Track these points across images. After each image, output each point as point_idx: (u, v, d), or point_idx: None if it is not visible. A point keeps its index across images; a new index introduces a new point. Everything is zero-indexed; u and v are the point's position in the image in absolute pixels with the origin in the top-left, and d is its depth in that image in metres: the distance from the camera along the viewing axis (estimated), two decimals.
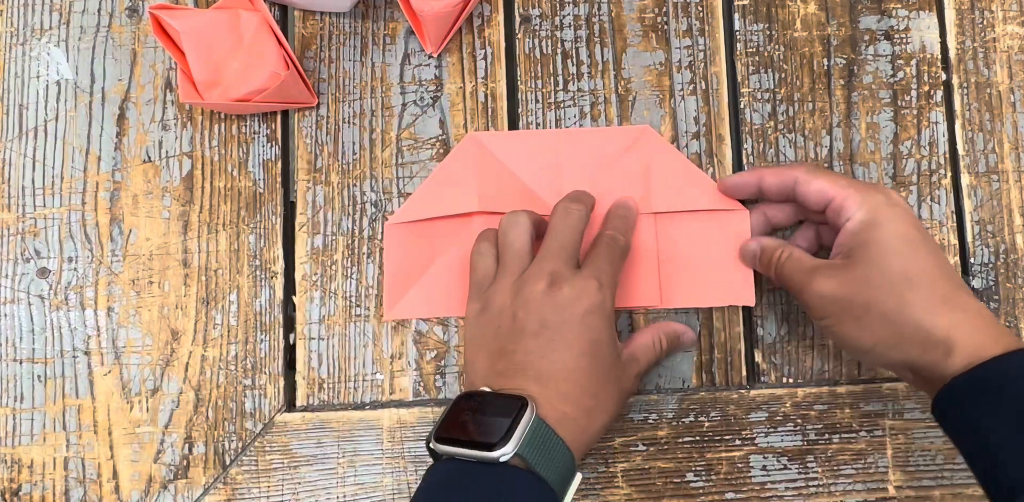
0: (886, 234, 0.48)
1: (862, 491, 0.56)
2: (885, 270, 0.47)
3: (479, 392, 0.47)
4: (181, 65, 0.55)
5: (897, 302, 0.46)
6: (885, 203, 0.49)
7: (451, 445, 0.45)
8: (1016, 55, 0.61)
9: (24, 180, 0.58)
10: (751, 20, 0.61)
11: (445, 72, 0.60)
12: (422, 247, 0.57)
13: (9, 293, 0.57)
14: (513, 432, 0.44)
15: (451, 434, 0.45)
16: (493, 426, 0.44)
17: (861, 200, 0.49)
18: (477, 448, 0.44)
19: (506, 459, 0.44)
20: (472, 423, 0.45)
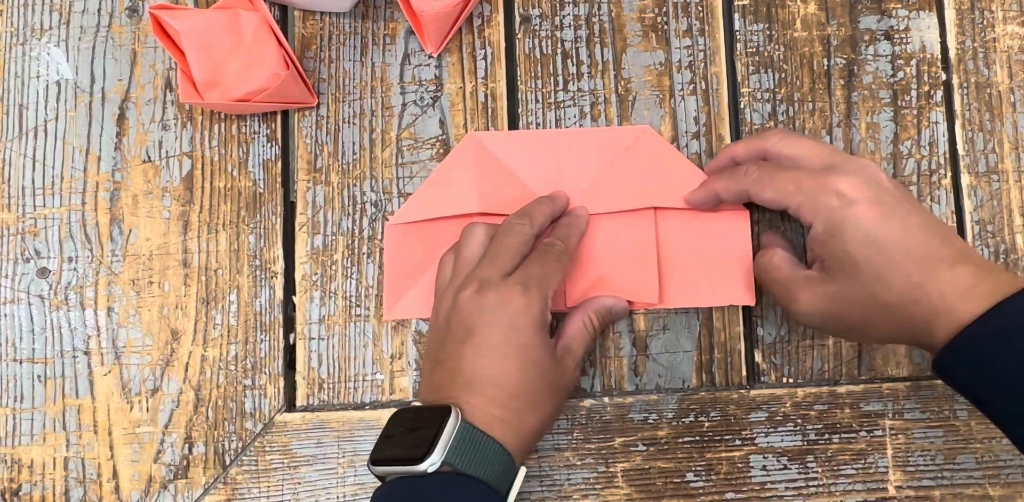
0: (848, 241, 0.47)
1: (862, 491, 0.56)
2: (857, 278, 0.47)
3: (409, 408, 0.49)
4: (181, 65, 0.55)
5: (876, 307, 0.47)
6: (838, 207, 0.47)
7: (384, 465, 0.46)
8: (1016, 55, 0.61)
9: (24, 180, 0.58)
10: (751, 20, 0.61)
11: (445, 72, 0.60)
12: (422, 247, 0.57)
13: (9, 293, 0.57)
14: (437, 443, 0.45)
15: (383, 454, 0.47)
16: (419, 439, 0.46)
17: (813, 208, 0.48)
18: (406, 463, 0.45)
19: (435, 469, 0.45)
20: (401, 440, 0.47)
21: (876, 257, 0.46)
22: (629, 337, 0.57)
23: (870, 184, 0.47)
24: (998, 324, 0.44)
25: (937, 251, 0.46)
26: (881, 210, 0.47)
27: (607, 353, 0.57)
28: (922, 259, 0.46)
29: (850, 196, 0.47)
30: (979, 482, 0.56)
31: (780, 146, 0.51)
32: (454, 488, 0.45)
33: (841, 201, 0.47)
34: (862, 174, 0.48)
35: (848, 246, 0.47)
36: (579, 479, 0.56)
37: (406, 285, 0.57)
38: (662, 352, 0.57)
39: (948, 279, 0.46)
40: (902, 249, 0.46)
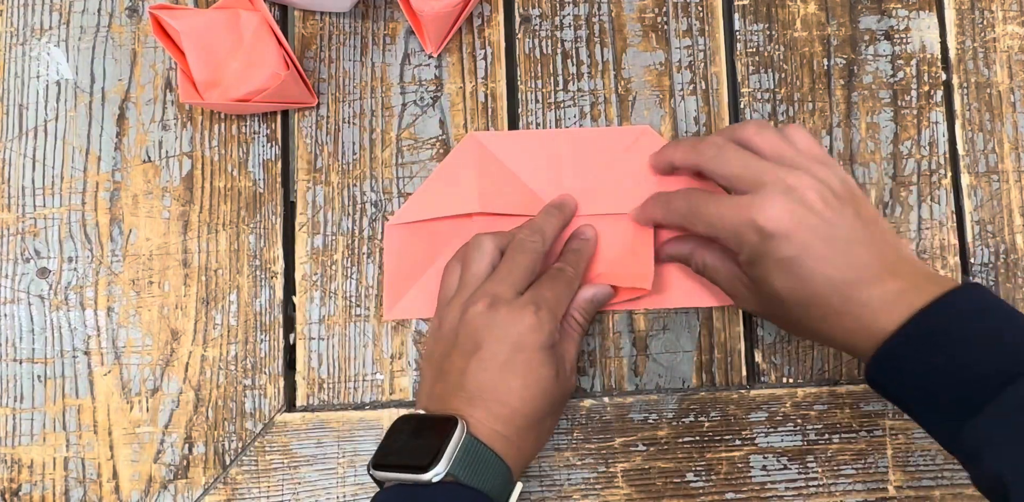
0: (770, 275, 0.47)
1: (862, 491, 0.56)
2: (783, 306, 0.48)
3: (414, 415, 0.49)
4: (181, 65, 0.55)
5: (802, 327, 0.49)
6: (758, 242, 0.47)
7: (388, 470, 0.46)
8: (1016, 55, 0.61)
9: (24, 180, 0.58)
10: (751, 20, 0.61)
11: (445, 72, 0.60)
12: (422, 247, 0.57)
13: (9, 293, 0.57)
14: (443, 453, 0.45)
15: (387, 460, 0.47)
16: (425, 448, 0.46)
17: (737, 244, 0.48)
18: (410, 471, 0.45)
19: (439, 479, 0.45)
20: (406, 447, 0.47)
21: (797, 288, 0.47)
22: (629, 337, 0.57)
23: (794, 212, 0.46)
24: (914, 335, 0.44)
25: (861, 272, 0.46)
26: (799, 241, 0.46)
27: (607, 353, 0.57)
28: (841, 286, 0.46)
29: (768, 231, 0.46)
30: None
31: (710, 164, 0.50)
32: (456, 498, 0.45)
33: (760, 236, 0.47)
34: (785, 199, 0.47)
35: (771, 277, 0.47)
36: (579, 479, 0.56)
37: (406, 285, 0.57)
38: (662, 352, 0.57)
39: (870, 297, 0.46)
40: (823, 280, 0.46)
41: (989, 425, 0.41)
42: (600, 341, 0.57)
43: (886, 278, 0.46)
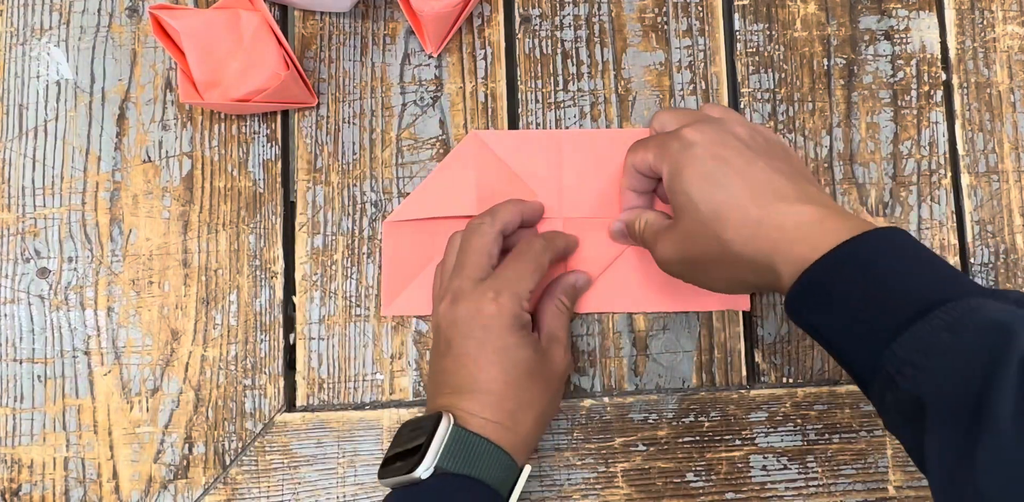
0: (687, 180, 0.48)
1: (862, 491, 0.56)
2: (697, 217, 0.47)
3: (411, 420, 0.51)
4: (181, 65, 0.55)
5: (718, 244, 0.47)
6: (679, 149, 0.48)
7: (386, 477, 0.48)
8: (1016, 55, 0.61)
9: (24, 180, 0.58)
10: (751, 20, 0.61)
11: (445, 72, 0.60)
12: (420, 245, 0.57)
13: (9, 293, 0.57)
14: (428, 449, 0.46)
15: (386, 467, 0.49)
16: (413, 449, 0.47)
17: (661, 156, 0.49)
18: (403, 473, 0.47)
19: (428, 474, 0.46)
20: (401, 451, 0.48)
21: (714, 194, 0.47)
22: (629, 337, 0.57)
23: (718, 131, 0.49)
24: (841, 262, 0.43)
25: (779, 189, 0.46)
26: (720, 151, 0.48)
27: (607, 353, 0.57)
28: (760, 195, 0.46)
29: (690, 139, 0.48)
30: None
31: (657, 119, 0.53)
32: (449, 488, 0.46)
33: (681, 144, 0.48)
34: (714, 125, 0.49)
35: (687, 186, 0.47)
36: (579, 479, 0.56)
37: (404, 282, 0.57)
38: (662, 352, 0.57)
39: (787, 214, 0.45)
40: (739, 185, 0.46)
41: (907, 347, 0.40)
42: (600, 341, 0.57)
43: (805, 204, 0.45)
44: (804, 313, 0.44)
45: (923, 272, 0.43)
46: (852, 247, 0.43)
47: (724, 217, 0.46)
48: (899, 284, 0.42)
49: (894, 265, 0.43)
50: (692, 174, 0.47)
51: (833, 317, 0.43)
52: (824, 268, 0.43)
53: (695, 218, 0.47)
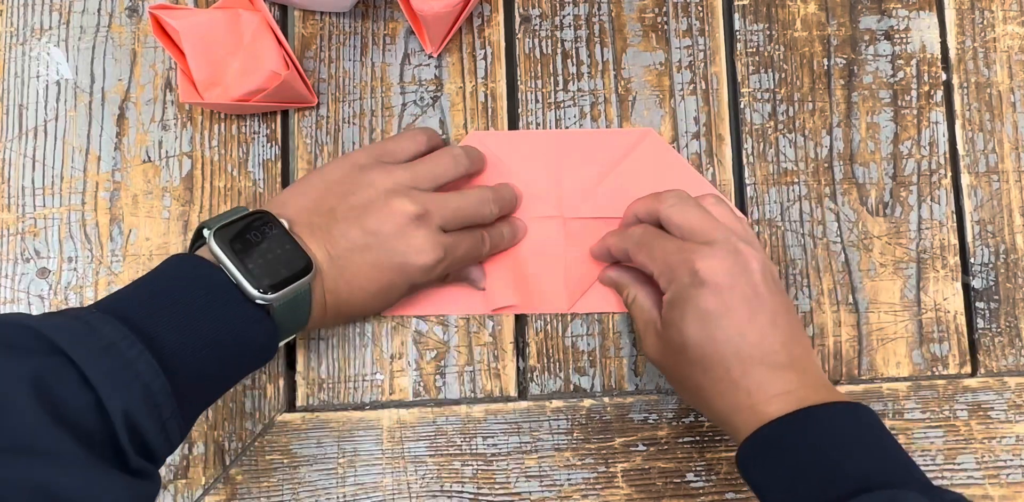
0: (686, 318, 0.48)
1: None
2: (684, 354, 0.48)
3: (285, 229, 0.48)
4: (181, 65, 0.55)
5: (694, 385, 0.49)
6: (689, 284, 0.48)
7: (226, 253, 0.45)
8: (1016, 55, 0.61)
9: (24, 180, 0.58)
10: (751, 20, 0.61)
11: (445, 72, 0.60)
12: None
13: (9, 293, 0.57)
14: (283, 288, 0.45)
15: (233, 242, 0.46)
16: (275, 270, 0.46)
17: (669, 280, 0.49)
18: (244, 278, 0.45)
19: (262, 303, 0.45)
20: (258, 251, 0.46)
21: (705, 342, 0.47)
22: (629, 337, 0.57)
23: (732, 271, 0.48)
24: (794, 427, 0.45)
25: (767, 355, 0.47)
26: (727, 299, 0.47)
27: (607, 353, 0.57)
28: (747, 358, 0.47)
29: (702, 277, 0.47)
30: (979, 482, 0.56)
31: (671, 212, 0.51)
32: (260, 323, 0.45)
33: (692, 280, 0.48)
34: (731, 259, 0.48)
35: (683, 324, 0.48)
36: (579, 479, 0.56)
37: None
38: None
39: (763, 381, 0.47)
40: (732, 342, 0.47)
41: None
42: (600, 341, 0.57)
43: (788, 369, 0.47)
44: (751, 470, 0.46)
45: (873, 452, 0.45)
46: (809, 415, 0.45)
47: (708, 366, 0.48)
48: (846, 458, 0.44)
49: (845, 439, 0.45)
50: (693, 314, 0.48)
51: (777, 479, 0.45)
52: (776, 432, 0.45)
53: (682, 352, 0.48)
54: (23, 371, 0.38)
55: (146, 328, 0.42)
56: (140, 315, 0.42)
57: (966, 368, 0.58)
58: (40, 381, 0.38)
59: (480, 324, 0.57)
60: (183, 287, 0.44)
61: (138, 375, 0.40)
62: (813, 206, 0.59)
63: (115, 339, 0.40)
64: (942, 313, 0.58)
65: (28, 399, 0.37)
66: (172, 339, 0.42)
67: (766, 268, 0.49)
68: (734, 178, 0.59)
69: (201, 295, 0.44)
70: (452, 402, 0.57)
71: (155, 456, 0.41)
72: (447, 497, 0.55)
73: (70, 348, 0.39)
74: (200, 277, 0.45)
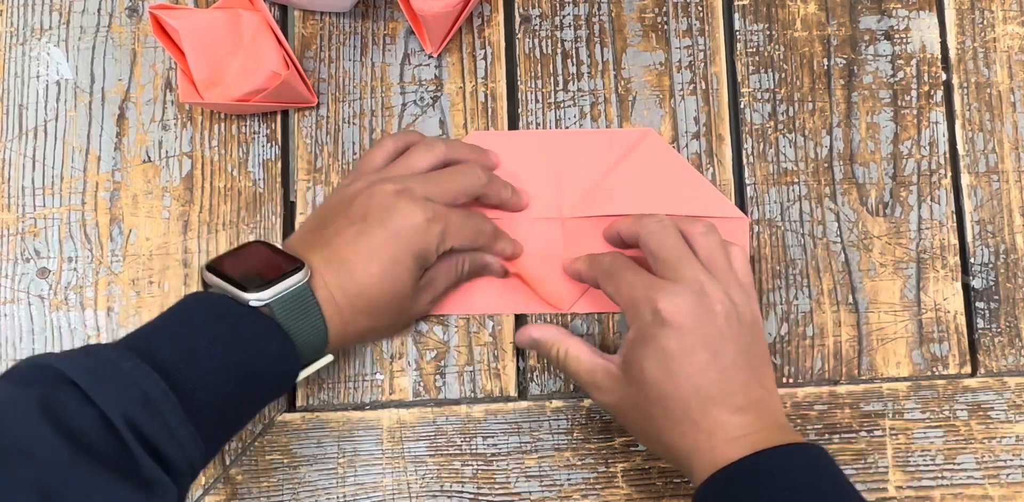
0: (646, 357, 0.48)
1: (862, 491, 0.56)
2: (642, 394, 0.48)
3: (272, 245, 0.49)
4: (181, 65, 0.55)
5: (653, 426, 0.48)
6: (651, 323, 0.48)
7: (217, 276, 0.47)
8: (1016, 55, 0.61)
9: (24, 180, 0.58)
10: (751, 20, 0.61)
11: (445, 72, 0.60)
12: None
13: (9, 293, 0.57)
14: (274, 285, 0.45)
15: (221, 267, 0.47)
16: (261, 272, 0.46)
17: (633, 316, 0.49)
18: (236, 286, 0.46)
19: (257, 305, 0.45)
20: (245, 265, 0.47)
21: (665, 382, 0.47)
22: None
23: (694, 312, 0.47)
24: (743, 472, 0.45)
25: (727, 397, 0.47)
26: (688, 341, 0.47)
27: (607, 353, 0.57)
28: (706, 399, 0.47)
29: (665, 317, 0.47)
30: (979, 482, 0.56)
31: (648, 238, 0.51)
32: (262, 327, 0.45)
33: (654, 319, 0.48)
34: (694, 300, 0.48)
35: (645, 362, 0.48)
36: (579, 479, 0.56)
37: None
38: None
39: (723, 423, 0.47)
40: (691, 383, 0.47)
41: None
42: (600, 341, 0.57)
43: (747, 411, 0.47)
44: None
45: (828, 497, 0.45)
46: (760, 462, 0.45)
47: (668, 407, 0.47)
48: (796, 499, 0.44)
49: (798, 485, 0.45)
50: (654, 353, 0.47)
51: None
52: (728, 478, 0.45)
53: (641, 392, 0.48)
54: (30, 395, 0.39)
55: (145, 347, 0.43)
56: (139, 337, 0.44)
57: (966, 368, 0.58)
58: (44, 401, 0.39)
59: (480, 324, 0.57)
60: (179, 310, 0.46)
61: (135, 382, 0.40)
62: (813, 206, 0.59)
63: (112, 357, 0.41)
64: (942, 313, 0.58)
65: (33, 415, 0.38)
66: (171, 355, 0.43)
67: (731, 310, 0.48)
68: (734, 178, 0.59)
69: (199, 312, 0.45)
70: (452, 402, 0.57)
71: (170, 464, 0.41)
72: (447, 497, 0.55)
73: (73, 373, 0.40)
74: (196, 299, 0.46)
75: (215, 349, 0.44)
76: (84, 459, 0.38)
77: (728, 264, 0.50)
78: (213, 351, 0.44)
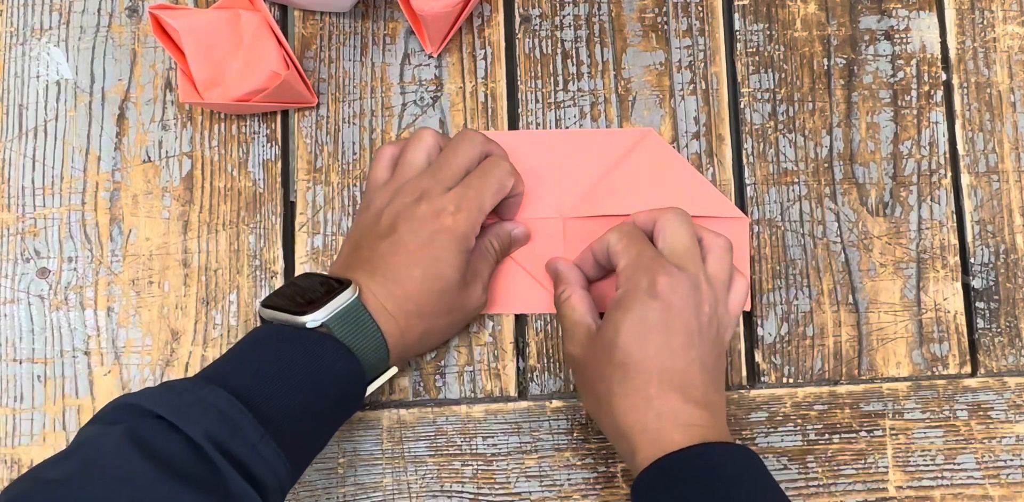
0: (625, 321, 0.48)
1: (862, 491, 0.56)
2: (610, 355, 0.48)
3: (318, 273, 0.51)
4: (181, 65, 0.55)
5: (606, 390, 0.48)
6: (644, 290, 0.48)
7: (272, 310, 0.48)
8: (1016, 55, 0.61)
9: (24, 180, 0.58)
10: (751, 20, 0.61)
11: (445, 72, 0.60)
12: None
13: (9, 293, 0.57)
14: (326, 303, 0.47)
15: (275, 301, 0.49)
16: (311, 298, 0.48)
17: (626, 278, 0.50)
18: (290, 313, 0.47)
19: (313, 325, 0.47)
20: (296, 295, 0.49)
21: (635, 350, 0.48)
22: None
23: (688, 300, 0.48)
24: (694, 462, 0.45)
25: (687, 386, 0.48)
26: (670, 320, 0.48)
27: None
28: (668, 380, 0.47)
29: (659, 290, 0.48)
30: (979, 482, 0.56)
31: (665, 224, 0.51)
32: (324, 346, 0.46)
33: (649, 289, 0.48)
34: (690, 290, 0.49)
35: (623, 325, 0.48)
36: (579, 479, 0.56)
37: None
38: None
39: (675, 408, 0.47)
40: (659, 359, 0.48)
41: None
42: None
43: (702, 407, 0.47)
44: (646, 498, 0.46)
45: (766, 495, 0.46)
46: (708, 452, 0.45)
47: (628, 375, 0.48)
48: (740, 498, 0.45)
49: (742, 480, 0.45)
50: (633, 319, 0.48)
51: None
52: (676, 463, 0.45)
53: (609, 352, 0.48)
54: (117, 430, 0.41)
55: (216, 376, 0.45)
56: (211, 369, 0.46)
57: (966, 368, 0.58)
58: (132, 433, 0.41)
59: (480, 324, 0.57)
60: (243, 343, 0.48)
61: (212, 404, 0.42)
62: (813, 206, 0.59)
63: (188, 386, 0.43)
64: (942, 313, 0.58)
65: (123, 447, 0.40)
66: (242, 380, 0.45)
67: (714, 314, 0.50)
68: (734, 178, 0.59)
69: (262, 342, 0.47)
70: (452, 402, 0.57)
71: (258, 480, 0.42)
72: (447, 497, 0.55)
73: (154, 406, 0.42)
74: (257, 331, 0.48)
75: (283, 371, 0.45)
76: (174, 479, 0.39)
77: (727, 285, 0.52)
78: (281, 373, 0.45)
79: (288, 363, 0.46)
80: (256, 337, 0.48)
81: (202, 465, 0.41)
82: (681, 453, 0.45)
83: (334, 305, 0.47)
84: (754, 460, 0.47)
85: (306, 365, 0.46)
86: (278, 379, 0.45)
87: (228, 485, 0.41)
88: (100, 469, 0.40)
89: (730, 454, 0.46)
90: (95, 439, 0.42)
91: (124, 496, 0.39)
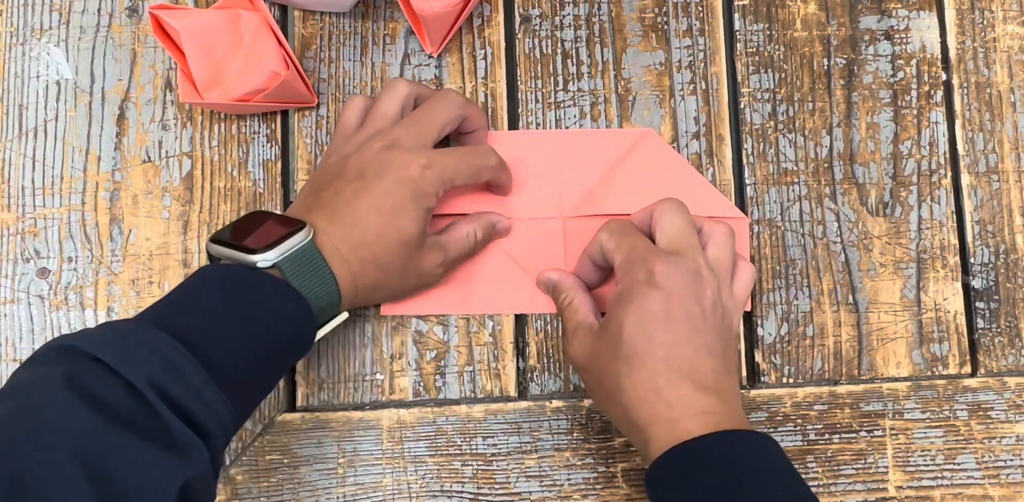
0: (627, 314, 0.48)
1: (862, 491, 0.56)
2: (615, 350, 0.48)
3: (273, 213, 0.50)
4: (181, 65, 0.55)
5: (615, 385, 0.48)
6: (643, 281, 0.48)
7: (221, 245, 0.47)
8: (1016, 55, 0.61)
9: (24, 180, 0.58)
10: (751, 20, 0.61)
11: (445, 72, 0.60)
12: None
13: (9, 293, 0.57)
14: (278, 244, 0.46)
15: (224, 236, 0.48)
16: (263, 237, 0.47)
17: (624, 273, 0.49)
18: (240, 251, 0.46)
19: (264, 266, 0.46)
20: (247, 232, 0.48)
21: (640, 342, 0.47)
22: None
23: (688, 286, 0.48)
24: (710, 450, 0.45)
25: (696, 373, 0.47)
26: (673, 308, 0.47)
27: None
28: (676, 370, 0.47)
29: (658, 280, 0.48)
30: (979, 482, 0.56)
31: (660, 214, 0.51)
32: (274, 288, 0.45)
33: (648, 279, 0.48)
34: (689, 276, 0.48)
35: (626, 318, 0.48)
36: (579, 479, 0.56)
37: None
38: None
39: (686, 396, 0.46)
40: (665, 349, 0.47)
41: None
42: None
43: (712, 393, 0.47)
44: (661, 489, 0.46)
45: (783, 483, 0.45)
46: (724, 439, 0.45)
47: (635, 368, 0.47)
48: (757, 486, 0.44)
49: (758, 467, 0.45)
50: (635, 311, 0.48)
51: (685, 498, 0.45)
52: (691, 452, 0.45)
53: (614, 348, 0.48)
54: (55, 374, 0.40)
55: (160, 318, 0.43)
56: (154, 310, 0.45)
57: (966, 368, 0.58)
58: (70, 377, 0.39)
59: (480, 324, 0.57)
60: (189, 282, 0.46)
61: (153, 349, 0.41)
62: (813, 206, 0.59)
63: (129, 328, 0.42)
64: (942, 313, 0.58)
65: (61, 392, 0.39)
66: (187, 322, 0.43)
67: (718, 299, 0.49)
68: (734, 178, 0.59)
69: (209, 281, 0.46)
70: (452, 402, 0.57)
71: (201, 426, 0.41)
72: (447, 497, 0.55)
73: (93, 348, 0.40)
74: (204, 270, 0.47)
75: (229, 313, 0.44)
76: (114, 426, 0.38)
77: (730, 271, 0.51)
78: (227, 315, 0.44)
79: (235, 305, 0.44)
80: (203, 277, 0.46)
81: (143, 411, 0.40)
82: (695, 442, 0.45)
83: (287, 246, 0.46)
84: (770, 447, 0.46)
85: (253, 308, 0.45)
86: (223, 322, 0.44)
87: (170, 431, 0.40)
88: (37, 415, 0.38)
89: (745, 441, 0.46)
90: (31, 383, 0.40)
91: (63, 445, 0.37)
